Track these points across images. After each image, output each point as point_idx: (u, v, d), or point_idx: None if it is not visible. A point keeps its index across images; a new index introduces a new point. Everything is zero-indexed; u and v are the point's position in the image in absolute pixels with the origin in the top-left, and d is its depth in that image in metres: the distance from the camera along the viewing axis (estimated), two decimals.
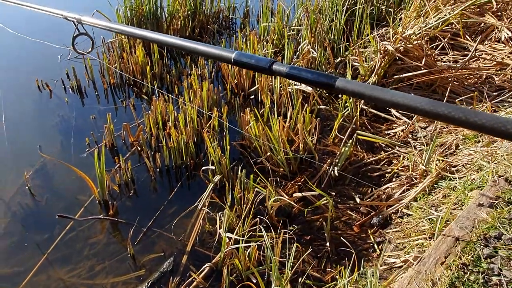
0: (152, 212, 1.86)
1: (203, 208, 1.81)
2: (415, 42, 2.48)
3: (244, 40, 3.33)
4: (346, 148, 2.06)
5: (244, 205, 1.74)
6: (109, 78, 2.96)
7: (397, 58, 2.51)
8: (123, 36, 3.37)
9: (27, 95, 2.81)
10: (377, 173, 2.07)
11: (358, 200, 1.86)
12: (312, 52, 2.93)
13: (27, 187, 1.96)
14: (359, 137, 2.17)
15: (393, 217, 1.76)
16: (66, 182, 2.05)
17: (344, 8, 3.32)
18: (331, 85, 0.43)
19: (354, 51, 2.99)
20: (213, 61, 3.19)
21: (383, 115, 2.50)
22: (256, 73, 2.81)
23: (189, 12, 3.80)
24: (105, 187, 1.85)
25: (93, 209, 1.89)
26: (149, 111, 2.38)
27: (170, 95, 2.50)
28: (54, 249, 1.69)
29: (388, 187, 1.91)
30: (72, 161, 2.13)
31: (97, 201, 1.90)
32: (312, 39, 2.96)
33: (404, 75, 2.52)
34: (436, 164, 1.84)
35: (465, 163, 1.83)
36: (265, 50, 3.02)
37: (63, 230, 1.77)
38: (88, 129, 2.43)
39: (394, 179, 1.97)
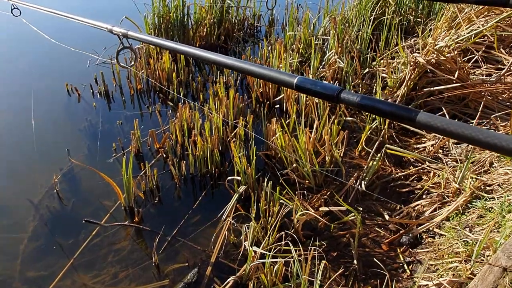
0: (176, 221, 1.85)
1: (227, 218, 1.79)
2: (448, 55, 2.41)
3: (269, 48, 3.32)
4: (374, 162, 2.01)
5: (270, 218, 1.71)
6: (135, 84, 3.00)
7: (428, 70, 2.44)
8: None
9: (57, 98, 2.87)
10: (406, 189, 2.01)
11: (387, 217, 1.80)
12: (339, 62, 2.89)
13: (55, 191, 1.99)
14: (387, 151, 2.11)
15: (424, 237, 1.69)
16: (92, 186, 2.07)
17: (372, 18, 3.27)
18: (412, 119, 0.40)
19: (381, 61, 2.93)
20: None
21: (411, 128, 2.43)
22: None
23: (215, 20, 3.83)
24: (131, 194, 1.85)
25: (118, 215, 1.90)
26: (175, 118, 2.39)
27: (195, 103, 2.51)
28: (79, 254, 1.70)
29: (418, 205, 1.84)
30: (98, 166, 2.15)
31: (122, 207, 1.90)
32: (339, 49, 2.92)
33: (435, 88, 2.45)
34: (470, 183, 1.77)
35: (501, 183, 1.75)
36: (291, 59, 3.00)
37: (88, 235, 1.78)
38: (114, 134, 2.46)
39: (424, 196, 1.90)
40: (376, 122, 2.33)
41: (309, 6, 4.16)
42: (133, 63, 1.12)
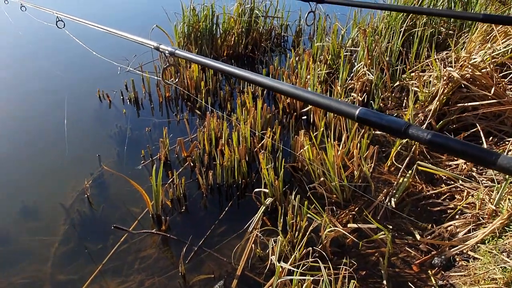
0: (202, 230, 1.85)
1: (254, 231, 1.78)
2: (484, 70, 2.34)
3: (297, 59, 3.32)
4: (405, 179, 1.96)
5: (297, 232, 1.69)
6: (164, 91, 3.05)
7: (463, 85, 2.37)
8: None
9: (88, 104, 2.95)
10: (438, 208, 1.94)
11: (418, 236, 1.75)
12: (368, 75, 2.86)
13: (86, 196, 2.03)
14: (419, 167, 2.06)
15: (457, 259, 1.63)
16: (121, 192, 2.10)
17: (402, 29, 3.22)
18: (492, 162, 0.38)
19: (412, 74, 2.87)
20: None
21: None
22: None
23: (243, 29, 3.86)
24: (159, 202, 1.87)
25: (146, 222, 1.92)
26: (202, 127, 2.41)
27: (223, 113, 2.52)
28: (107, 259, 1.73)
29: (451, 225, 1.78)
30: (127, 172, 2.19)
31: (150, 215, 1.92)
32: (369, 61, 2.89)
33: (469, 104, 2.37)
34: (508, 205, 1.70)
35: None
36: (319, 71, 2.98)
37: (116, 241, 1.81)
38: (143, 141, 2.50)
39: (457, 217, 1.84)
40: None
41: (338, 16, 4.14)
42: (177, 80, 1.14)
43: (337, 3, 1.37)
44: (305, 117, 2.74)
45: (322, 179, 1.99)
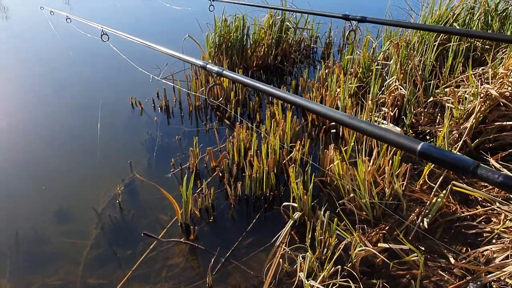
0: (230, 242, 1.86)
1: (281, 245, 1.76)
2: None
3: (327, 71, 3.30)
4: (438, 200, 1.90)
5: (325, 249, 1.66)
6: (195, 100, 3.10)
7: (501, 104, 2.29)
8: (210, 61, 3.54)
9: (121, 111, 3.04)
10: (473, 231, 1.87)
11: (452, 260, 1.68)
12: (400, 89, 2.80)
13: (117, 201, 2.08)
14: (453, 188, 1.99)
15: (494, 286, 1.56)
16: (151, 199, 2.14)
17: (436, 43, 3.15)
18: None
19: (446, 90, 2.80)
20: (294, 90, 3.20)
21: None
22: (340, 106, 2.75)
23: (273, 40, 3.89)
24: (188, 211, 1.89)
25: (174, 230, 1.94)
26: (231, 137, 2.43)
27: (253, 124, 2.53)
28: (136, 266, 1.76)
29: (487, 250, 1.70)
30: (157, 180, 2.23)
31: (178, 224, 1.94)
32: (401, 75, 2.84)
33: (508, 123, 2.29)
34: None
35: None
36: (350, 84, 2.95)
37: (145, 248, 1.84)
38: (173, 149, 2.55)
39: (494, 241, 1.76)
40: None
41: (369, 29, 4.10)
42: (221, 99, 1.15)
43: (378, 23, 1.36)
44: (334, 130, 2.72)
45: (351, 195, 1.96)
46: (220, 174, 2.26)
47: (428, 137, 2.61)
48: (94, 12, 5.69)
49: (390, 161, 2.02)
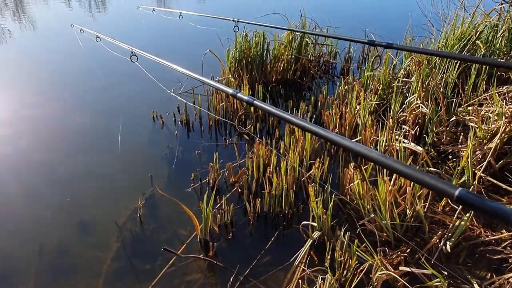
0: (248, 259, 1.85)
1: (300, 265, 1.75)
2: None
3: (346, 87, 3.30)
4: (462, 222, 1.86)
5: (345, 271, 1.64)
6: (215, 114, 3.14)
7: None
8: (230, 76, 3.59)
9: (143, 124, 3.10)
10: (498, 256, 1.81)
11: (476, 286, 1.64)
12: (422, 107, 2.77)
13: (138, 215, 2.11)
14: None
15: None
16: (170, 214, 2.16)
17: (458, 60, 3.11)
18: None
19: (469, 109, 2.76)
20: (313, 106, 3.20)
21: (504, 186, 2.22)
22: (360, 123, 2.74)
23: (292, 56, 3.92)
24: (208, 227, 1.91)
25: (193, 246, 1.95)
26: (251, 153, 2.44)
27: (272, 140, 2.54)
28: (155, 281, 1.77)
29: None
30: (177, 194, 2.26)
31: (198, 239, 1.96)
32: (423, 93, 2.81)
33: None
34: None
35: None
36: (370, 101, 2.94)
37: (165, 263, 1.85)
38: (192, 164, 2.58)
39: None
40: (465, 176, 2.17)
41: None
42: (251, 127, 1.17)
43: (405, 50, 1.37)
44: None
45: (372, 215, 1.93)
46: (239, 190, 2.27)
47: (450, 157, 2.56)
48: (122, 29, 5.88)
49: (412, 182, 1.99)
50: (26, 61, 4.94)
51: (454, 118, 2.74)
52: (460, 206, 2.00)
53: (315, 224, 1.88)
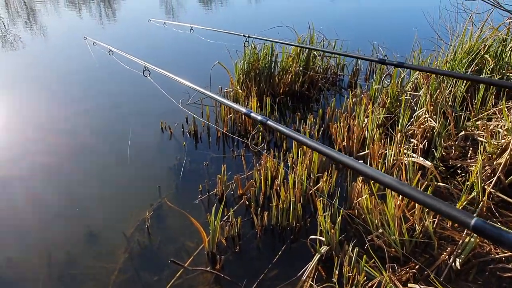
0: (255, 273, 1.85)
1: (307, 279, 1.74)
2: None
3: (354, 100, 3.31)
4: (472, 239, 1.84)
5: (353, 287, 1.63)
6: (222, 126, 3.16)
7: None
8: (238, 88, 3.62)
9: (152, 135, 3.13)
10: (509, 274, 1.79)
11: None
12: (430, 121, 2.77)
13: (146, 226, 2.12)
14: None
15: None
16: (178, 225, 2.17)
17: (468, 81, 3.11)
18: None
19: (477, 123, 2.74)
20: (321, 118, 3.21)
21: None
22: (368, 137, 2.74)
23: (300, 68, 3.94)
24: (215, 240, 1.91)
25: (200, 258, 1.95)
26: (258, 165, 2.45)
27: (279, 152, 2.55)
28: None
29: None
30: (184, 206, 2.27)
31: (205, 252, 1.96)
32: (431, 107, 2.81)
33: None
34: None
35: None
36: (378, 114, 2.94)
37: (172, 275, 1.85)
38: (200, 175, 2.59)
39: None
40: (474, 192, 2.15)
41: (397, 58, 4.11)
42: (263, 144, 1.19)
43: (416, 69, 1.37)
44: (361, 161, 2.69)
45: (380, 231, 1.92)
46: (247, 203, 2.28)
47: (459, 171, 2.55)
48: (133, 42, 5.98)
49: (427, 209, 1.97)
50: (40, 71, 5.02)
51: (463, 132, 2.72)
52: None
53: (323, 239, 1.88)
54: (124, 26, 7.72)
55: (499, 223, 2.03)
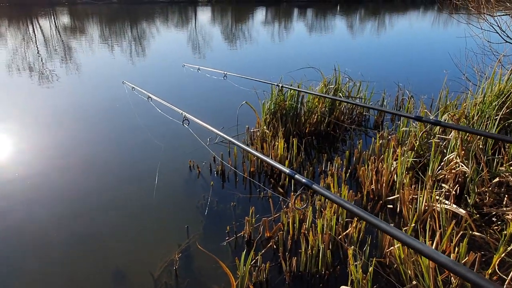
0: None
1: None
2: None
3: (381, 142, 3.29)
4: None
5: None
6: (250, 165, 3.19)
7: None
8: (265, 127, 3.68)
9: (180, 173, 3.19)
10: None
11: None
12: (462, 166, 2.71)
13: (174, 268, 2.12)
14: None
15: None
16: (206, 268, 2.16)
17: (498, 117, 3.06)
18: None
19: (511, 168, 2.66)
20: (348, 160, 3.20)
21: None
22: (397, 181, 2.70)
23: (326, 109, 3.99)
24: (244, 285, 1.88)
25: None
26: (285, 207, 2.44)
27: (307, 196, 2.54)
28: None
29: None
30: (212, 247, 2.27)
31: None
32: (463, 152, 2.76)
33: None
34: None
35: None
36: (407, 157, 2.91)
37: None
38: (227, 216, 2.60)
39: None
40: None
41: (424, 100, 4.10)
42: (306, 205, 1.21)
43: (453, 128, 1.38)
44: (391, 206, 2.64)
45: (414, 282, 1.85)
46: (275, 247, 2.25)
47: (494, 219, 2.45)
48: (170, 88, 6.23)
49: (456, 248, 1.91)
50: (85, 111, 5.28)
51: (497, 179, 2.65)
52: (510, 276, 1.89)
53: None
54: (158, 69, 8.04)
55: None
